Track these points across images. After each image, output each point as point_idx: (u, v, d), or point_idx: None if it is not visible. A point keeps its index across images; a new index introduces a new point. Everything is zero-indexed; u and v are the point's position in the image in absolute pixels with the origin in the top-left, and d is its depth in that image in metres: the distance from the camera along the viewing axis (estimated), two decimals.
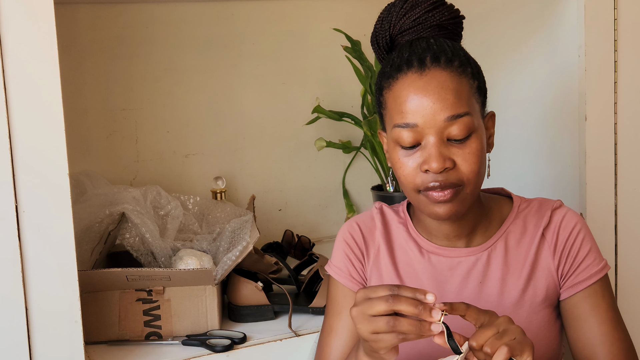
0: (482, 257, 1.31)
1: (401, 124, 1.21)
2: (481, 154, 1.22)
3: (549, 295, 1.31)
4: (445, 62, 1.21)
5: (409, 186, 1.24)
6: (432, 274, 1.32)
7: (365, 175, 2.19)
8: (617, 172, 1.71)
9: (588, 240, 1.32)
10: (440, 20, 1.27)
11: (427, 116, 1.19)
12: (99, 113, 1.92)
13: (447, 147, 1.20)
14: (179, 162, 2.02)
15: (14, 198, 1.30)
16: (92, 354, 1.51)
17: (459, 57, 1.23)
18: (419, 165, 1.21)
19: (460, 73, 1.21)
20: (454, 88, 1.20)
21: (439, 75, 1.20)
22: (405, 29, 1.28)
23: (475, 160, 1.21)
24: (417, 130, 1.20)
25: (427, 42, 1.24)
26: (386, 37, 1.30)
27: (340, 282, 1.38)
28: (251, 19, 2.05)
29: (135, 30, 1.94)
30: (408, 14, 1.27)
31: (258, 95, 2.09)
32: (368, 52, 1.98)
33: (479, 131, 1.22)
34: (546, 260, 1.31)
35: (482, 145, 1.23)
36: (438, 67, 1.20)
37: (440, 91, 1.19)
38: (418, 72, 1.20)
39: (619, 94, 1.70)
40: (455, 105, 1.19)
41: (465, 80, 1.22)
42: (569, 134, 1.72)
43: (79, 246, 1.55)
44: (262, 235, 1.86)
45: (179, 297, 1.56)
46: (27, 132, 1.30)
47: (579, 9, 1.65)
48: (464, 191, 1.22)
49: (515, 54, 1.85)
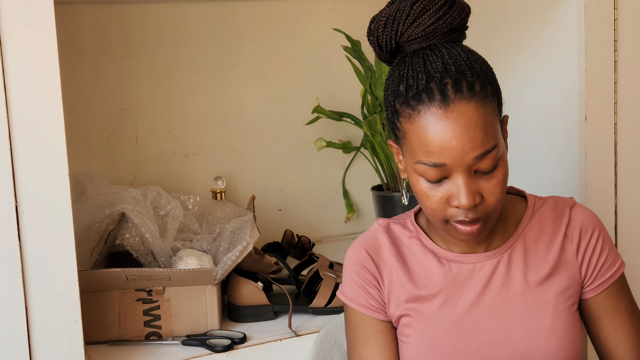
0: (503, 259, 1.29)
1: (428, 163, 1.17)
2: (506, 180, 1.20)
3: (572, 294, 1.30)
4: (468, 89, 1.15)
5: (437, 217, 1.21)
6: (453, 282, 1.30)
7: (365, 175, 2.19)
8: (617, 172, 1.71)
9: (607, 240, 1.32)
10: (451, 25, 1.20)
11: (457, 157, 1.15)
12: (98, 113, 1.92)
13: (475, 181, 1.17)
14: (179, 162, 2.02)
15: (14, 198, 1.30)
16: (92, 354, 1.51)
17: (478, 75, 1.17)
18: (447, 200, 1.19)
19: (484, 99, 1.16)
20: (481, 124, 1.15)
21: (465, 112, 1.14)
22: (414, 38, 1.20)
23: (501, 190, 1.19)
24: (444, 169, 1.17)
25: (442, 60, 1.17)
26: (391, 44, 1.22)
27: (356, 309, 1.34)
28: (251, 19, 2.05)
29: (135, 30, 1.94)
30: (416, 21, 1.19)
31: (258, 95, 2.09)
32: (368, 52, 1.98)
33: (504, 156, 1.20)
34: (571, 259, 1.30)
35: (507, 171, 1.20)
36: (462, 100, 1.14)
37: (469, 131, 1.14)
38: (442, 108, 1.14)
39: (619, 94, 1.69)
40: (484, 142, 1.15)
41: (489, 107, 1.17)
42: (569, 134, 1.72)
43: (79, 246, 1.55)
44: (262, 235, 1.86)
45: (179, 297, 1.56)
46: (27, 132, 1.30)
47: (579, 9, 1.65)
48: (489, 219, 1.21)
49: (515, 54, 1.85)
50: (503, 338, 1.27)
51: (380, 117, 1.93)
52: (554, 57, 1.75)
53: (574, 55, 1.67)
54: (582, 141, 1.68)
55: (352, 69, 1.98)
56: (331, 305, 1.63)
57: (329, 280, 1.64)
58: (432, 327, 1.29)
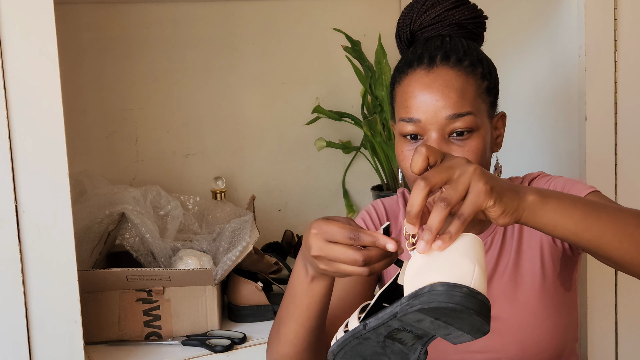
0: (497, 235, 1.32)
1: (405, 118, 1.24)
2: (481, 153, 1.24)
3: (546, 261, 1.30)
4: (455, 61, 1.23)
5: (411, 178, 1.25)
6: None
7: (365, 175, 2.19)
8: (617, 172, 1.71)
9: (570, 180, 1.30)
10: (460, 19, 1.30)
11: (430, 112, 1.21)
12: (98, 113, 1.92)
13: (447, 144, 1.22)
14: (178, 162, 2.02)
15: (14, 198, 1.30)
16: (92, 354, 1.51)
17: (471, 57, 1.25)
18: None
19: (469, 73, 1.23)
20: (458, 87, 1.22)
21: (445, 74, 1.22)
22: (425, 25, 1.31)
23: (473, 158, 1.22)
24: (419, 125, 1.23)
25: (441, 41, 1.27)
26: (407, 33, 1.33)
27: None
28: (251, 19, 2.05)
29: (135, 30, 1.94)
30: (429, 11, 1.30)
31: (258, 95, 2.09)
32: (368, 52, 1.98)
33: (481, 130, 1.24)
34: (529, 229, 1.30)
35: (483, 145, 1.24)
36: (446, 66, 1.23)
37: (444, 89, 1.21)
38: (426, 70, 1.23)
39: (619, 94, 1.69)
40: (458, 104, 1.21)
41: (473, 80, 1.24)
42: (569, 134, 1.72)
43: (79, 246, 1.55)
44: (262, 235, 1.86)
45: (179, 297, 1.56)
46: (27, 132, 1.30)
47: (579, 9, 1.65)
48: None
49: (515, 54, 1.85)
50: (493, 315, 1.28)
51: (380, 117, 1.93)
52: (553, 57, 1.75)
53: (574, 55, 1.67)
54: (582, 141, 1.68)
55: (352, 69, 1.98)
56: None
57: None
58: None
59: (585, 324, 1.71)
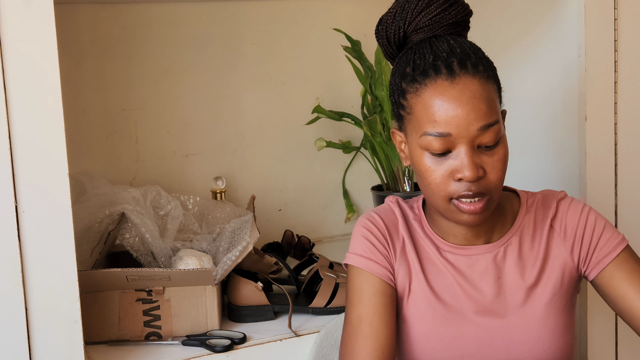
0: (499, 253, 1.32)
1: (434, 133, 1.20)
2: (506, 159, 1.24)
3: (565, 282, 1.32)
4: (472, 67, 1.20)
5: (440, 194, 1.23)
6: (452, 270, 1.32)
7: (365, 175, 2.19)
8: (617, 172, 1.72)
9: (600, 219, 1.33)
10: (456, 18, 1.27)
11: (462, 127, 1.18)
12: (98, 113, 1.92)
13: (478, 155, 1.21)
14: (178, 162, 2.02)
15: (14, 198, 1.30)
16: (92, 354, 1.51)
17: (481, 60, 1.23)
18: (451, 174, 1.21)
19: (487, 78, 1.21)
20: (485, 97, 1.20)
21: (470, 84, 1.19)
22: (421, 26, 1.26)
23: (502, 167, 1.22)
24: (449, 140, 1.20)
25: (448, 44, 1.23)
26: (399, 34, 1.28)
27: (363, 268, 1.33)
28: (251, 19, 2.05)
29: (135, 30, 1.94)
30: (424, 11, 1.26)
31: (258, 95, 2.09)
32: (368, 52, 1.98)
33: (504, 137, 1.24)
34: (558, 249, 1.32)
35: (507, 152, 1.24)
36: (467, 74, 1.20)
37: (473, 101, 1.18)
38: (448, 80, 1.19)
39: (619, 94, 1.70)
40: (488, 115, 1.19)
41: (492, 86, 1.22)
42: (569, 134, 1.72)
43: (79, 246, 1.55)
44: (262, 235, 1.86)
45: (179, 297, 1.56)
46: (27, 132, 1.29)
47: (579, 9, 1.65)
48: (491, 199, 1.23)
49: (515, 54, 1.85)
50: (500, 329, 1.29)
51: (380, 117, 1.93)
52: (554, 57, 1.75)
53: (574, 55, 1.67)
54: (582, 141, 1.68)
55: (352, 69, 1.98)
56: (331, 306, 1.63)
57: (329, 281, 1.64)
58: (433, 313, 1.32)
59: (585, 324, 1.71)
